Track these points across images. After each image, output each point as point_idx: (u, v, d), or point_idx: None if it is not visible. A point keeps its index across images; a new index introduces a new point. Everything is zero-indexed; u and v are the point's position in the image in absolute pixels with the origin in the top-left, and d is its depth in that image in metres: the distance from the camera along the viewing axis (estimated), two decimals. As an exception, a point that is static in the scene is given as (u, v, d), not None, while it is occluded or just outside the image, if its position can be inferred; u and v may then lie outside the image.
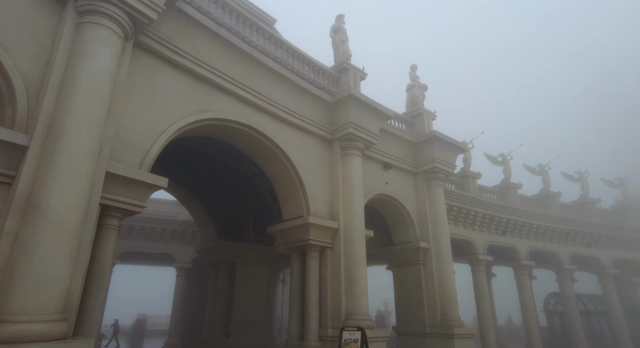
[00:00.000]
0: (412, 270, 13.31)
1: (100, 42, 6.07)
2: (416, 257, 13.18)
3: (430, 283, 12.78)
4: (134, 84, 7.17)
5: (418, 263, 13.15)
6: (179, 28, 7.90)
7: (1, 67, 5.49)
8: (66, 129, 5.57)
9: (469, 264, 17.84)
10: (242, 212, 15.12)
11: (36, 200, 5.20)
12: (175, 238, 20.01)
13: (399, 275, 13.93)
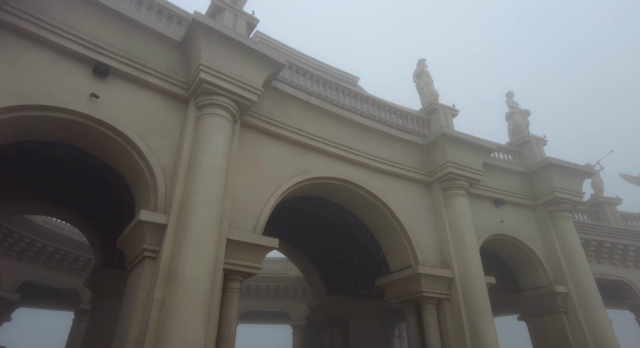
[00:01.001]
0: (552, 320, 11.30)
1: (215, 128, 7.14)
2: (553, 304, 11.24)
3: (579, 335, 10.63)
4: (243, 158, 8.09)
5: (558, 312, 11.16)
6: (275, 103, 8.86)
7: (147, 163, 6.79)
8: (193, 206, 6.47)
9: (630, 311, 14.49)
10: (348, 266, 15.05)
11: (175, 270, 5.99)
12: (288, 295, 20.65)
13: (536, 326, 11.93)
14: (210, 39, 7.20)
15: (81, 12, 6.68)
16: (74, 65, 6.56)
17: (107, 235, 11.79)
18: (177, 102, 7.54)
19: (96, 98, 6.55)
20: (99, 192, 10.66)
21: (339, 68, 13.98)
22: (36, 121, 6.32)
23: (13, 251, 14.92)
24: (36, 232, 15.24)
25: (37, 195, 11.38)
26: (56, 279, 16.66)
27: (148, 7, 7.63)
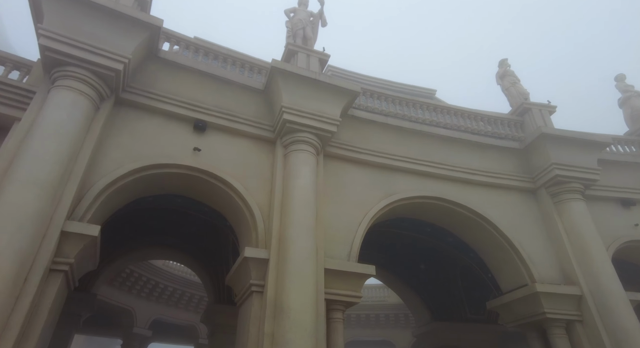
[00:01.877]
0: None
1: (302, 163, 7.50)
2: None
3: None
4: (329, 187, 8.28)
5: None
6: (354, 130, 9.02)
7: (245, 203, 7.35)
8: (290, 239, 6.75)
9: None
10: (452, 289, 14.01)
11: (280, 303, 6.21)
12: (389, 323, 19.87)
13: None
14: (288, 82, 7.75)
15: (180, 79, 7.76)
16: (179, 125, 7.55)
17: (216, 274, 12.81)
18: (266, 144, 8.14)
19: (198, 151, 7.40)
20: (207, 235, 11.75)
21: (413, 84, 13.81)
22: (155, 178, 7.33)
23: (143, 292, 17.06)
24: (158, 275, 17.28)
25: (157, 242, 12.98)
26: (177, 316, 18.50)
27: (232, 63, 8.55)
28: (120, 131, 7.00)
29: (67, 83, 6.20)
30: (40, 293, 5.35)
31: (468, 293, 13.65)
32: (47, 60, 6.24)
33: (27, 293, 5.14)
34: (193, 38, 8.37)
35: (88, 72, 6.32)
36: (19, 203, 5.25)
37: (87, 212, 6.21)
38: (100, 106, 6.66)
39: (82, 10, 6.42)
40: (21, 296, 5.09)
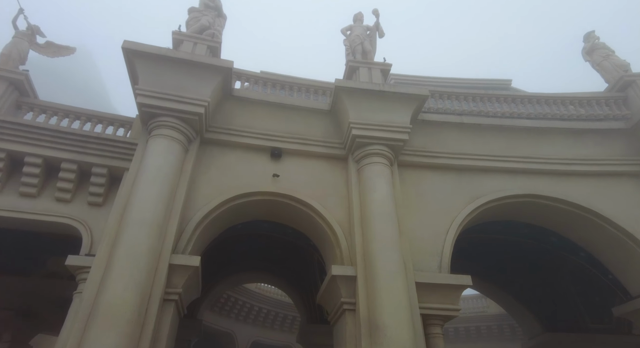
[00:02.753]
0: None
1: (376, 176, 7.42)
2: None
3: None
4: (408, 197, 8.04)
5: None
6: (427, 135, 8.72)
7: (326, 221, 7.47)
8: (374, 254, 6.63)
9: None
10: (564, 294, 12.44)
11: (374, 320, 6.08)
12: (492, 335, 18.27)
13: None
14: (353, 97, 7.84)
15: (253, 113, 8.30)
16: (257, 155, 8.03)
17: (306, 293, 13.07)
18: (338, 162, 8.24)
19: (277, 177, 7.76)
20: (293, 256, 12.12)
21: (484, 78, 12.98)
22: (241, 207, 7.83)
23: (241, 316, 18.05)
24: (253, 298, 18.17)
25: (249, 267, 13.71)
26: (274, 337, 19.14)
27: (297, 89, 8.93)
28: (208, 168, 7.66)
29: (161, 132, 7.02)
30: (158, 321, 5.95)
31: (585, 299, 12.00)
32: (144, 114, 7.17)
33: (148, 322, 5.78)
34: (260, 73, 8.95)
35: (176, 120, 7.10)
36: (135, 242, 5.98)
37: (188, 244, 6.83)
38: (189, 148, 7.40)
39: (166, 66, 7.30)
40: (145, 325, 5.73)
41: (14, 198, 7.21)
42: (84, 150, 7.48)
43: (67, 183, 7.41)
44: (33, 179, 7.25)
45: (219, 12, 8.75)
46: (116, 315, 5.38)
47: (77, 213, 7.42)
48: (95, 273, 6.00)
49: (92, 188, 7.52)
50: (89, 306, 5.66)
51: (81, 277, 6.86)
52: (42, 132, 7.31)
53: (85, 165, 7.49)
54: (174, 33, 8.12)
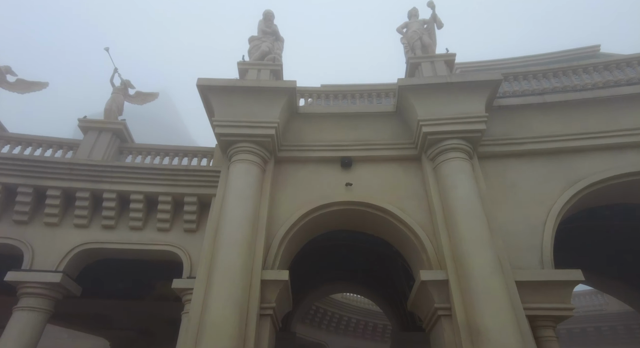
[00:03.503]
0: None
1: (455, 172, 7.04)
2: None
3: None
4: (494, 191, 7.46)
5: None
6: (506, 121, 8.07)
7: (406, 225, 7.25)
8: (465, 254, 6.23)
9: None
10: None
11: (475, 325, 5.68)
12: (617, 337, 15.92)
13: None
14: (418, 94, 7.59)
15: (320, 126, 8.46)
16: (328, 167, 8.15)
17: (394, 301, 12.77)
18: (411, 162, 8.00)
19: (350, 185, 7.77)
20: (376, 263, 11.97)
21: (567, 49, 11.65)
22: (319, 219, 7.92)
23: (331, 326, 18.22)
24: (341, 308, 18.24)
25: (333, 277, 13.83)
26: (366, 347, 18.93)
27: (360, 96, 8.94)
28: (285, 185, 7.97)
29: (239, 157, 7.51)
30: (258, 336, 6.25)
31: None
32: (222, 143, 7.74)
33: (249, 337, 6.10)
34: (320, 87, 9.16)
35: (251, 143, 7.54)
36: (228, 261, 6.41)
37: (275, 259, 7.12)
38: (265, 168, 7.79)
39: (236, 95, 7.82)
40: (246, 339, 6.06)
41: (126, 232, 8.22)
42: (176, 183, 8.28)
43: (165, 214, 8.24)
44: (138, 214, 8.20)
45: (277, 36, 9.19)
46: (220, 332, 5.77)
47: (176, 241, 8.20)
48: (198, 294, 6.52)
49: (186, 216, 8.26)
50: (196, 324, 6.15)
51: (186, 297, 7.52)
52: (141, 171, 8.27)
53: (177, 196, 8.28)
54: (239, 63, 8.70)
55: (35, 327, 7.28)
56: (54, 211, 8.02)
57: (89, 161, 8.28)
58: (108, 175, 8.18)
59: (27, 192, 7.95)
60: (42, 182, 8.00)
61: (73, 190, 8.08)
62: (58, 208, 8.04)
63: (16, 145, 8.92)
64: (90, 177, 8.14)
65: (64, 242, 7.91)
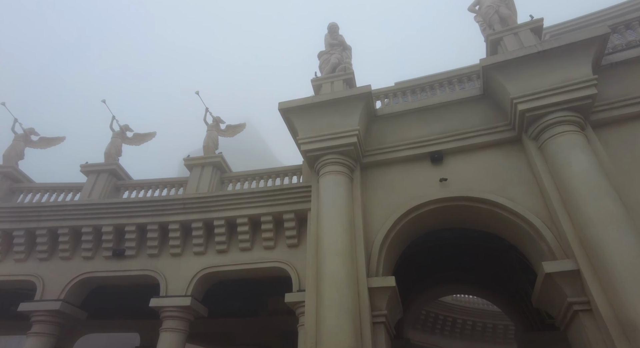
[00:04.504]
0: None
1: (567, 148, 6.25)
2: None
3: None
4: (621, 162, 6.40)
5: None
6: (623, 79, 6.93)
7: (516, 214, 6.58)
8: (597, 238, 5.46)
9: None
10: None
11: (629, 320, 4.88)
12: None
13: None
14: (507, 71, 6.95)
15: (401, 125, 8.26)
16: (417, 165, 7.87)
17: (513, 297, 11.64)
18: (511, 145, 7.32)
19: (445, 181, 7.38)
20: (486, 259, 11.09)
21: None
22: (416, 220, 7.66)
23: (446, 330, 17.25)
24: (451, 310, 17.21)
25: (439, 279, 13.10)
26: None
27: (439, 86, 8.53)
28: (374, 190, 7.90)
29: (326, 169, 7.69)
30: (374, 344, 6.20)
31: None
32: (309, 159, 8.02)
33: (366, 347, 6.08)
34: (395, 85, 8.96)
35: (336, 155, 7.67)
36: (333, 272, 6.52)
37: (378, 266, 7.03)
38: (352, 177, 7.83)
39: (315, 111, 8.07)
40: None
41: (237, 254, 8.93)
42: (274, 202, 8.77)
43: (269, 233, 8.77)
44: (246, 236, 8.86)
45: (344, 45, 9.30)
46: (337, 343, 5.85)
47: (281, 256, 8.65)
48: (310, 306, 6.74)
49: (287, 233, 8.68)
50: (313, 336, 6.33)
51: (300, 310, 7.81)
52: (242, 197, 8.94)
53: (277, 214, 8.75)
54: (313, 80, 8.99)
55: (178, 344, 8.26)
56: (176, 243, 9.09)
57: (197, 194, 9.25)
58: (215, 204, 9.03)
59: (154, 229, 9.16)
60: (164, 218, 9.15)
61: (189, 222, 9.07)
62: (179, 240, 9.10)
63: (140, 189, 10.39)
64: (201, 208, 9.06)
65: (188, 269, 8.89)
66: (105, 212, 9.29)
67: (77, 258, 9.34)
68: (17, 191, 10.58)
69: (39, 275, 9.08)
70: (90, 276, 9.10)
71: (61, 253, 9.32)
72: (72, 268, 9.17)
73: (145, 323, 12.68)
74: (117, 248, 9.21)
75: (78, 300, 9.30)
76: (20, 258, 9.34)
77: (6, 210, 9.47)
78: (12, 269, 9.28)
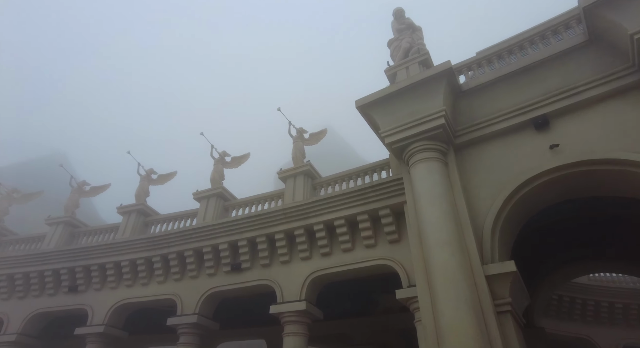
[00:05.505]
0: None
1: None
2: None
3: None
4: None
5: None
6: None
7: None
8: None
9: None
10: None
11: None
12: None
13: None
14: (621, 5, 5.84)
15: (492, 96, 7.54)
16: (518, 136, 7.08)
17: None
18: (636, 91, 6.11)
19: (556, 147, 6.50)
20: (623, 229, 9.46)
21: None
22: (528, 196, 6.85)
23: (588, 316, 15.02)
24: (593, 292, 14.93)
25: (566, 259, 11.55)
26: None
27: (530, 43, 7.57)
28: (474, 171, 7.32)
29: (416, 158, 7.37)
30: (503, 335, 5.70)
31: None
32: (395, 151, 7.79)
33: (494, 337, 5.63)
34: (476, 55, 8.21)
35: (424, 141, 7.31)
36: (443, 263, 6.19)
37: (493, 252, 6.47)
38: (447, 161, 7.37)
39: (394, 101, 7.82)
40: (491, 340, 5.60)
41: (340, 256, 9.06)
42: (366, 200, 8.71)
43: (367, 231, 8.72)
44: (345, 237, 8.95)
45: (413, 27, 8.84)
46: (460, 336, 5.53)
47: (384, 253, 8.52)
48: (424, 301, 6.50)
49: (386, 229, 8.53)
50: (432, 331, 6.08)
51: (414, 306, 7.57)
52: (335, 199, 9.07)
53: (372, 212, 8.67)
54: (386, 70, 8.72)
55: None
56: (284, 251, 9.60)
57: (294, 203, 9.65)
58: (311, 210, 9.32)
59: (263, 240, 9.81)
60: (269, 230, 9.74)
61: (291, 230, 9.52)
62: (286, 248, 9.59)
63: (245, 206, 11.27)
64: (300, 215, 9.44)
65: (298, 275, 9.30)
66: (219, 231, 10.26)
67: (202, 275, 10.47)
68: (149, 224, 12.34)
69: (177, 294, 10.41)
70: (216, 290, 10.12)
71: (189, 273, 10.55)
72: (201, 285, 10.31)
73: (269, 329, 13.65)
74: (234, 262, 10.09)
75: (210, 312, 10.40)
76: (160, 280, 10.83)
77: (144, 241, 11.08)
78: (156, 290, 10.81)
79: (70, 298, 11.53)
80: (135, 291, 10.98)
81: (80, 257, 11.49)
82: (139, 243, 11.06)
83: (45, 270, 11.71)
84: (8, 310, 11.86)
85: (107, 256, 11.27)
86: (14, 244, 13.49)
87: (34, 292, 11.85)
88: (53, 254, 11.80)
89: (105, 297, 11.19)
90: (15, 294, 12.04)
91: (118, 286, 11.22)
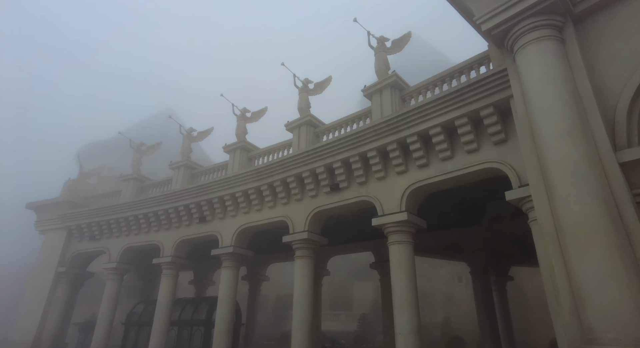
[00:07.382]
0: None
1: None
2: None
3: None
4: None
5: None
6: None
7: None
8: None
9: None
10: None
11: None
12: None
13: None
14: None
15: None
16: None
17: None
18: None
19: None
20: None
21: None
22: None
23: None
24: None
25: None
26: None
27: None
28: (602, 44, 6.05)
29: (523, 41, 6.29)
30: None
31: None
32: (496, 38, 6.74)
33: (633, 228, 5.03)
34: None
35: (534, 17, 6.14)
36: (563, 155, 5.53)
37: (630, 135, 5.59)
38: (564, 36, 6.16)
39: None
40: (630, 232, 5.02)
41: (440, 165, 8.71)
42: (465, 101, 7.95)
43: (468, 135, 8.10)
44: (443, 145, 8.48)
45: None
46: (587, 231, 5.09)
47: (490, 156, 7.93)
48: (539, 198, 6.03)
49: (490, 130, 7.80)
50: (552, 229, 5.67)
51: (527, 206, 7.08)
52: (429, 107, 8.45)
53: (472, 113, 7.93)
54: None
55: (408, 255, 8.98)
56: (378, 167, 9.59)
57: (383, 118, 9.31)
58: (402, 122, 8.93)
59: (356, 160, 9.89)
60: (361, 149, 9.73)
61: (383, 146, 9.35)
62: (380, 164, 9.55)
63: (334, 130, 11.38)
64: (390, 130, 9.15)
65: (396, 189, 9.32)
66: (314, 156, 10.63)
67: (306, 198, 11.21)
68: (252, 158, 13.41)
69: (287, 215, 11.45)
70: (320, 209, 10.82)
71: (294, 197, 11.38)
72: (306, 206, 11.11)
73: (374, 243, 14.44)
74: (332, 183, 10.52)
75: (317, 229, 11.29)
76: (271, 206, 11.96)
77: (251, 173, 12.12)
78: (269, 214, 12.02)
79: (202, 227, 13.60)
80: (252, 216, 12.38)
81: (202, 192, 13.20)
82: (247, 176, 12.17)
83: (178, 206, 13.85)
84: (161, 238, 14.62)
85: (223, 190, 12.72)
86: (152, 188, 16.13)
87: (175, 224, 14.24)
88: (180, 193, 13.79)
89: (229, 223, 12.88)
90: (162, 227, 14.64)
91: (237, 214, 12.76)
